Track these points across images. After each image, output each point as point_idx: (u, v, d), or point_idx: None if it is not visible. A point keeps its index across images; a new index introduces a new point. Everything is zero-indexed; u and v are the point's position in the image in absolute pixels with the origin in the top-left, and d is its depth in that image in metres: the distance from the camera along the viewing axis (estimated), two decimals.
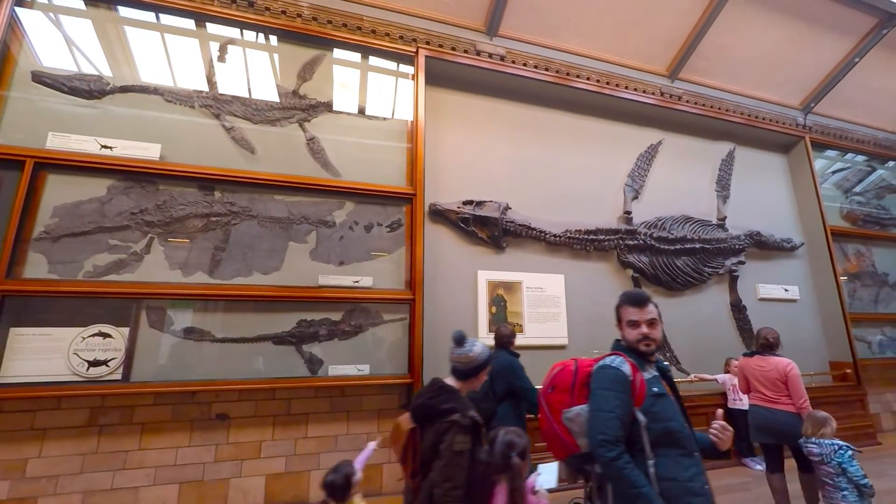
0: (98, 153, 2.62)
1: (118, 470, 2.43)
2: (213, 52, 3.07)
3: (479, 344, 1.55)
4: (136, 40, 2.91)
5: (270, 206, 2.89)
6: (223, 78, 3.02)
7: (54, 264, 2.44)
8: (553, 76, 3.91)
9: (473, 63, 3.61)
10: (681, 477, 1.15)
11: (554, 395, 1.29)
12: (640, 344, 1.31)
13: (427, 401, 1.42)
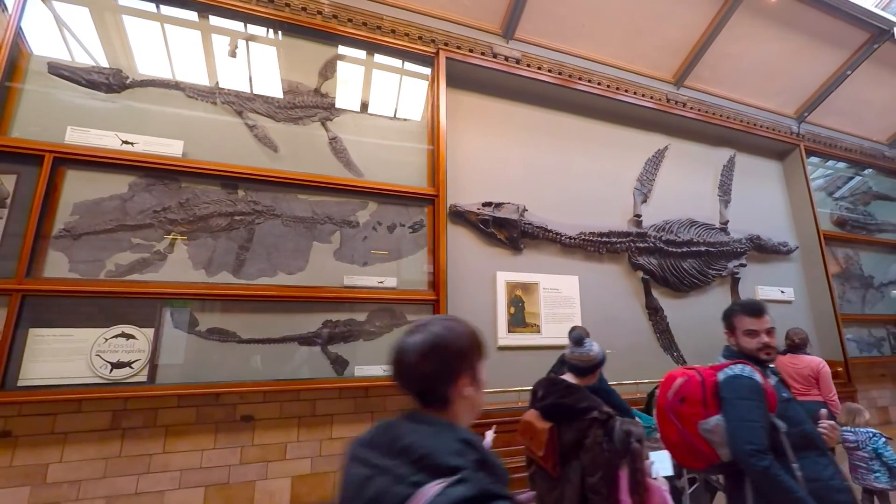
0: (119, 149, 2.54)
1: (142, 474, 2.38)
2: (233, 48, 3.01)
3: (595, 344, 1.79)
4: (156, 34, 2.83)
5: (294, 206, 2.86)
6: (243, 74, 2.97)
7: (75, 263, 2.37)
8: (566, 80, 3.97)
9: (492, 65, 3.64)
10: (823, 476, 1.20)
11: (685, 407, 1.31)
12: (761, 352, 1.37)
13: (559, 400, 1.60)
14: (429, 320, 0.86)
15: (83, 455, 2.31)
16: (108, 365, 2.33)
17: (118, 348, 2.37)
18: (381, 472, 0.67)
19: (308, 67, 3.18)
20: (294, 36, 3.20)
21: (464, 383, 0.80)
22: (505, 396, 3.14)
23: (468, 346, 0.83)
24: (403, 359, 0.80)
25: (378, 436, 0.76)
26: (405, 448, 0.68)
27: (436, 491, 0.60)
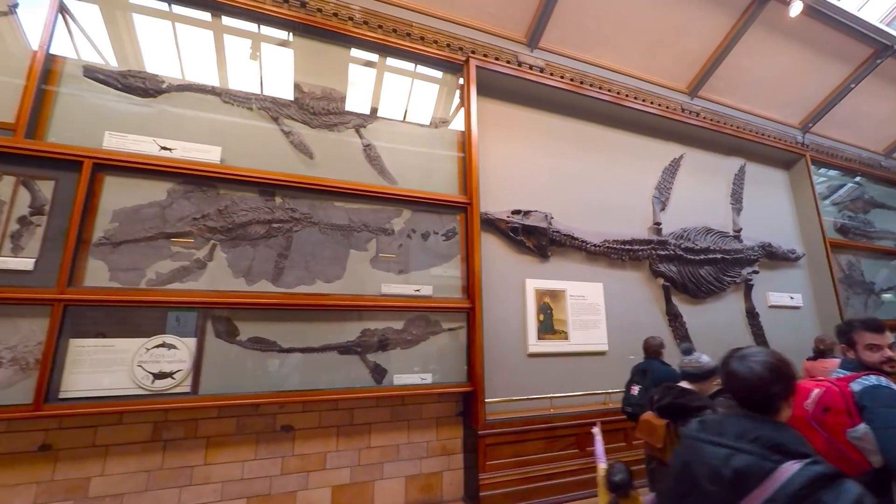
0: (158, 154, 2.50)
1: (184, 486, 2.34)
2: (254, 51, 2.98)
3: (704, 355, 2.00)
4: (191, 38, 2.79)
5: (331, 213, 2.84)
6: (277, 80, 2.94)
7: (116, 272, 2.32)
8: (587, 89, 4.02)
9: (519, 74, 3.67)
10: None
11: (830, 417, 1.36)
12: (885, 365, 1.43)
13: (675, 400, 1.82)
14: (758, 350, 1.06)
15: (125, 468, 2.26)
16: (150, 376, 2.29)
17: (160, 358, 2.32)
18: (741, 451, 0.90)
19: (340, 74, 3.17)
20: (325, 41, 3.18)
21: (790, 398, 1.02)
22: (537, 403, 3.16)
23: (794, 372, 1.05)
24: (750, 379, 0.99)
25: (721, 427, 0.98)
26: (758, 437, 0.91)
27: (797, 468, 0.84)
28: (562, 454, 3.02)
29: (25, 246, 2.19)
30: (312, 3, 3.19)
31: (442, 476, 2.88)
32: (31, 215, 2.23)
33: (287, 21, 3.02)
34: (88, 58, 2.54)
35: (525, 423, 2.95)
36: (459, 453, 2.97)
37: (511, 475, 2.83)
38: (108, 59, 2.60)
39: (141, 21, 2.70)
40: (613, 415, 3.25)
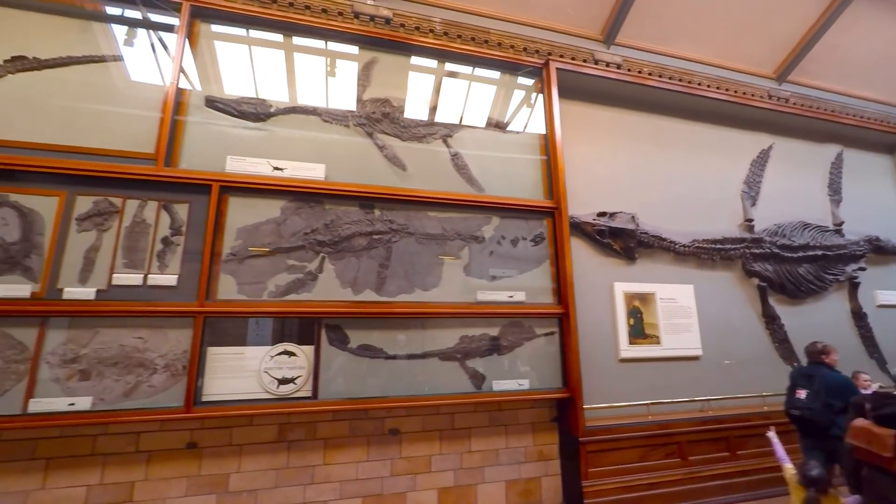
0: (271, 175, 2.68)
1: (308, 484, 2.50)
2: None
3: None
4: (294, 64, 2.97)
5: (426, 223, 2.93)
6: (367, 96, 3.06)
7: (242, 285, 2.52)
8: (668, 83, 3.86)
9: (599, 73, 3.59)
10: None
11: None
12: None
13: None
14: None
15: (257, 465, 2.45)
16: (275, 381, 2.47)
17: (282, 365, 2.50)
18: None
19: (424, 86, 3.25)
20: (409, 55, 3.26)
21: None
22: (632, 410, 3.09)
23: None
24: None
25: None
26: None
27: None
28: (663, 463, 2.93)
29: (169, 264, 2.43)
30: (396, 19, 3.29)
31: (540, 482, 2.89)
32: (172, 236, 2.47)
33: (374, 39, 3.13)
34: (208, 89, 2.76)
35: (625, 431, 2.89)
36: (556, 459, 2.96)
37: (613, 483, 2.79)
38: (222, 87, 2.81)
39: (251, 51, 2.90)
40: (714, 423, 3.12)
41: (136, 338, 2.32)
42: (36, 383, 2.14)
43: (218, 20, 2.87)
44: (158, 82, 2.67)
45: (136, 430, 2.33)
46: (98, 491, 2.23)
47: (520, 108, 3.45)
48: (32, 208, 2.31)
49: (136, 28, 2.73)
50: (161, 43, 2.74)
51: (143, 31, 2.74)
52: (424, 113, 3.17)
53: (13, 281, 2.21)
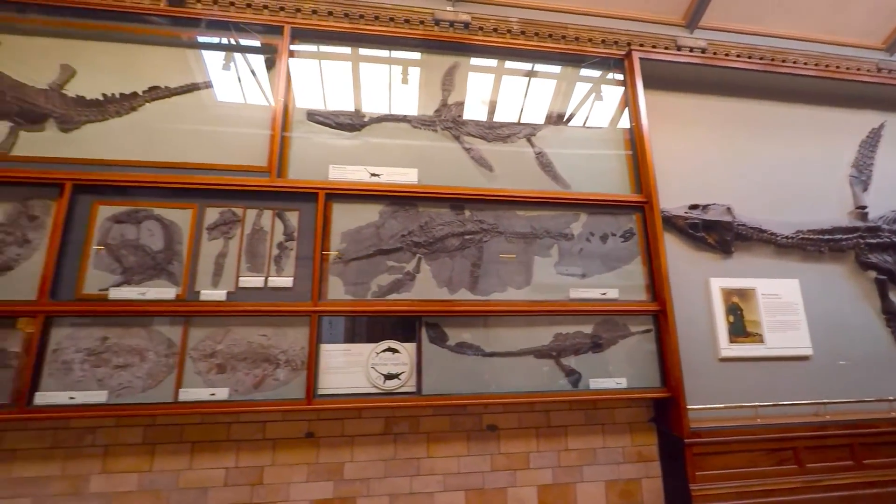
0: (369, 181, 2.83)
1: (414, 476, 2.61)
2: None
3: None
4: (375, 73, 3.11)
5: (514, 222, 2.96)
6: (452, 100, 3.14)
7: (348, 286, 2.68)
8: (759, 64, 3.61)
9: (684, 59, 3.43)
10: None
11: None
12: None
13: None
14: None
15: (367, 456, 2.60)
16: (381, 377, 2.60)
17: (387, 361, 2.63)
18: None
19: (504, 86, 3.28)
20: (487, 56, 3.30)
21: None
22: (735, 412, 2.93)
23: None
24: None
25: None
26: None
27: None
28: (777, 469, 2.75)
29: (284, 267, 2.64)
30: (474, 23, 3.35)
31: (641, 483, 2.82)
32: (286, 241, 2.68)
33: (455, 44, 3.21)
34: (307, 104, 2.97)
35: (733, 434, 2.75)
36: (656, 461, 2.88)
37: (723, 488, 2.66)
38: (320, 102, 3.01)
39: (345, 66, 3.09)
40: (835, 428, 2.88)
41: (261, 335, 2.54)
42: (183, 375, 2.42)
43: (314, 39, 3.07)
44: (265, 102, 2.91)
45: (262, 420, 2.55)
46: (234, 473, 2.47)
47: (602, 103, 3.38)
48: (172, 220, 2.61)
49: (245, 53, 2.99)
50: (267, 63, 2.98)
51: (250, 55, 3.00)
52: (507, 113, 3.20)
53: (160, 285, 2.51)
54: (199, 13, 2.96)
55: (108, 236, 2.55)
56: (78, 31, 2.86)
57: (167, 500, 2.39)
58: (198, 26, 2.94)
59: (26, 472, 2.33)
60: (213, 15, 2.96)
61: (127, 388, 2.37)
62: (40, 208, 2.54)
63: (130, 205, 2.60)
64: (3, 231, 2.49)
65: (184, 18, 2.95)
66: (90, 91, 2.76)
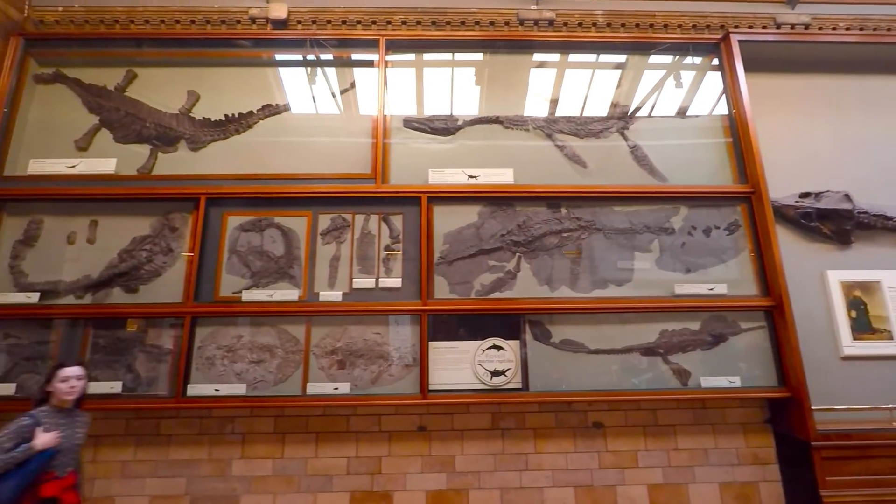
0: (466, 183, 2.91)
1: (523, 471, 2.66)
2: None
3: None
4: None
5: (612, 218, 2.92)
6: (541, 98, 3.15)
7: (453, 285, 2.77)
8: (872, 36, 3.31)
9: (787, 38, 3.22)
10: None
11: None
12: None
13: None
14: None
15: (477, 450, 2.68)
16: (488, 373, 2.67)
17: (493, 358, 2.70)
18: None
19: (594, 81, 3.24)
20: (573, 52, 3.27)
21: None
22: (866, 414, 2.72)
23: None
24: None
25: None
26: None
27: None
28: None
29: (392, 268, 2.78)
30: (558, 19, 3.34)
31: (758, 487, 2.69)
32: (392, 244, 2.82)
33: (540, 42, 3.22)
34: (404, 111, 3.09)
35: (868, 438, 2.56)
36: (774, 464, 2.73)
37: (858, 496, 2.48)
38: (415, 108, 3.12)
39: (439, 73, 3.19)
40: None
41: (375, 333, 2.69)
42: (309, 370, 2.62)
43: (406, 49, 3.19)
44: (365, 112, 3.07)
45: (377, 413, 2.70)
46: (355, 462, 2.64)
47: (697, 91, 3.25)
48: (290, 227, 2.83)
49: (345, 67, 3.17)
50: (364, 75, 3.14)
51: (347, 69, 3.17)
52: (598, 108, 3.16)
53: (284, 287, 2.72)
54: (301, 34, 3.18)
55: (236, 244, 2.80)
56: (199, 60, 3.17)
57: (298, 485, 2.60)
58: (301, 46, 3.16)
59: (180, 455, 2.62)
60: (313, 35, 3.16)
61: (261, 381, 2.60)
62: (179, 220, 2.84)
63: (254, 214, 2.84)
64: (150, 242, 2.81)
65: (287, 40, 3.18)
66: (213, 113, 3.05)
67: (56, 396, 1.92)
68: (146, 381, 2.59)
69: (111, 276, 2.73)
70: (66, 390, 1.91)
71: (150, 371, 2.60)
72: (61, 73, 3.09)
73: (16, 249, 2.77)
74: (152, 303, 2.68)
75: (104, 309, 2.64)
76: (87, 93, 3.06)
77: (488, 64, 3.25)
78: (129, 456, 2.61)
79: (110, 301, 2.71)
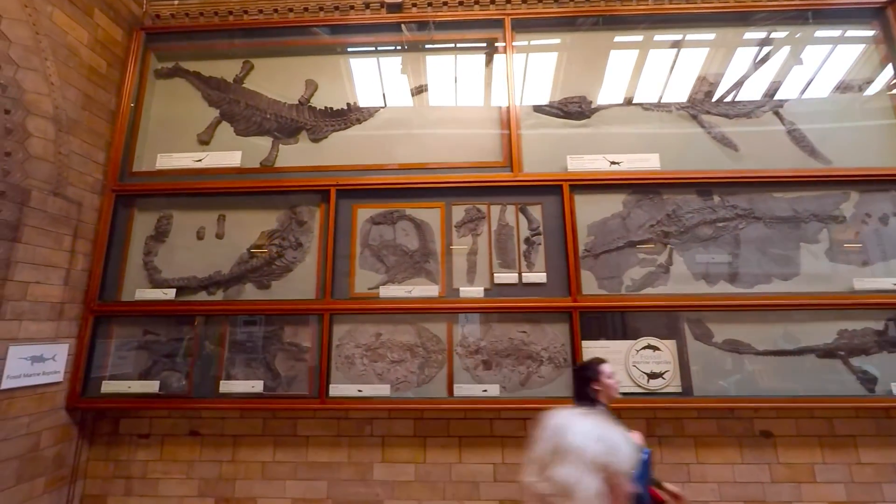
0: (609, 170, 2.69)
1: (685, 482, 2.43)
2: (670, 52, 2.96)
3: None
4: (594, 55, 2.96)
5: (772, 206, 2.64)
6: (683, 77, 2.89)
7: (601, 280, 2.57)
8: None
9: None
10: None
11: None
12: None
13: None
14: None
15: None
16: (644, 375, 2.45)
17: (648, 359, 2.48)
18: None
19: (738, 56, 2.95)
20: (719, 26, 2.99)
21: None
22: None
23: None
24: None
25: None
26: None
27: None
28: None
29: (535, 262, 2.59)
30: None
31: None
32: (532, 236, 2.63)
33: (677, 16, 2.95)
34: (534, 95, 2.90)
35: None
36: None
37: None
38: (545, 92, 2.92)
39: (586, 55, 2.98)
40: None
41: (521, 332, 2.52)
42: (454, 371, 2.47)
43: (533, 29, 2.99)
44: (490, 97, 2.89)
45: (523, 417, 2.53)
46: (503, 469, 2.47)
47: (860, 63, 2.92)
48: (423, 220, 2.68)
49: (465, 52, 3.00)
50: (487, 59, 2.96)
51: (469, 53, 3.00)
52: (749, 88, 2.87)
53: (421, 283, 2.58)
54: (419, 16, 3.03)
55: (368, 237, 2.68)
56: (314, 48, 3.06)
57: (443, 492, 2.46)
58: (423, 30, 3.00)
59: (319, 457, 2.52)
60: (431, 17, 3.00)
61: (404, 382, 2.47)
62: (307, 214, 2.74)
63: (384, 206, 2.71)
64: (279, 237, 2.72)
65: (403, 23, 3.04)
66: (332, 102, 2.94)
67: (606, 394, 1.82)
68: (286, 381, 2.50)
69: (243, 272, 2.66)
70: (615, 386, 1.84)
71: (289, 370, 2.51)
72: (181, 67, 3.05)
73: (148, 245, 2.74)
74: (288, 299, 2.59)
75: (243, 306, 2.57)
76: (206, 86, 3.01)
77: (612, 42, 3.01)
78: (269, 457, 2.53)
79: (243, 297, 2.64)
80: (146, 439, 2.60)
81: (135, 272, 2.70)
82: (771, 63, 2.90)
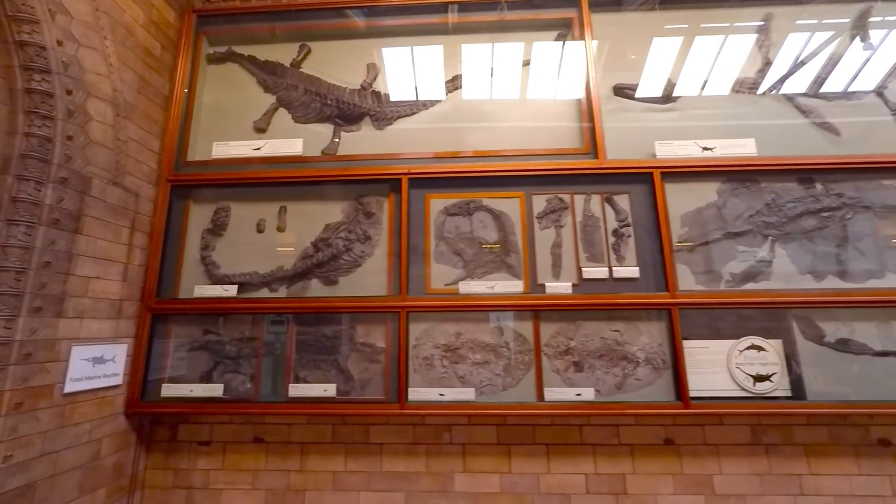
0: (701, 156, 2.50)
1: (797, 495, 2.23)
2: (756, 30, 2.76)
3: None
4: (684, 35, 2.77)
5: (882, 194, 2.44)
6: (774, 56, 2.69)
7: (697, 274, 2.37)
8: None
9: None
10: None
11: None
12: None
13: None
14: None
15: (737, 469, 2.27)
16: (749, 378, 2.25)
17: (753, 360, 2.28)
18: None
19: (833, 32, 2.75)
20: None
21: None
22: None
23: None
24: None
25: None
26: None
27: None
28: None
29: (625, 255, 2.40)
30: None
31: None
32: (620, 227, 2.44)
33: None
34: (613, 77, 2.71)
35: None
36: None
37: None
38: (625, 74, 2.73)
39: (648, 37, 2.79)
40: None
41: (614, 330, 2.33)
42: (542, 373, 2.27)
43: (611, 8, 2.80)
44: (572, 81, 2.70)
45: (615, 423, 2.34)
46: (595, 480, 2.28)
47: None
48: (502, 210, 2.50)
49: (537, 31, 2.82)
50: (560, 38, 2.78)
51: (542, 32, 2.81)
52: (844, 67, 2.67)
53: (503, 278, 2.40)
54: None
55: (443, 230, 2.50)
56: (375, 30, 2.88)
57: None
58: (490, 9, 2.82)
59: (394, 466, 2.34)
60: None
61: (489, 385, 2.28)
62: (375, 205, 2.57)
63: (459, 196, 2.53)
64: (346, 229, 2.54)
65: (470, 4, 2.85)
66: (395, 87, 2.76)
67: None
68: (359, 384, 2.32)
69: (308, 267, 2.49)
70: None
71: (362, 372, 2.33)
72: (235, 52, 2.88)
73: (205, 239, 2.57)
74: (358, 296, 2.40)
75: (313, 303, 2.39)
76: (262, 71, 2.84)
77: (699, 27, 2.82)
78: (340, 466, 2.35)
79: (309, 294, 2.46)
80: (207, 446, 2.42)
81: (192, 267, 2.53)
82: (872, 43, 2.70)
